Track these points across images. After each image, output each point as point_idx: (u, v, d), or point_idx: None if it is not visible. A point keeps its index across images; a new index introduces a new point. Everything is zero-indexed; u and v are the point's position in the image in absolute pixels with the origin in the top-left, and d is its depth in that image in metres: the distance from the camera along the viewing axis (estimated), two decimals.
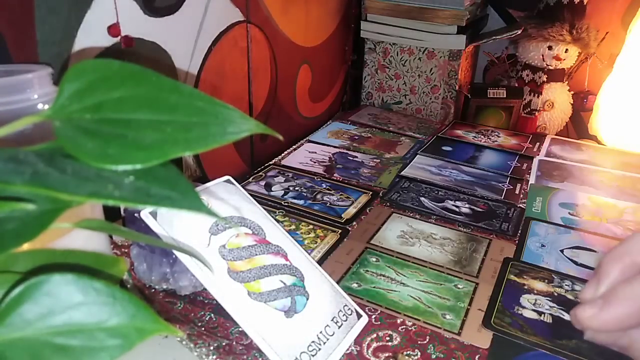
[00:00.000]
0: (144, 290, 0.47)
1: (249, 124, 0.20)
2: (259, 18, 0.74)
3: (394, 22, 0.95)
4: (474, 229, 0.61)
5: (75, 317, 0.19)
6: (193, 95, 0.20)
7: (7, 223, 0.18)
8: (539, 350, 0.43)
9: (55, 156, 0.18)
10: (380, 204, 0.65)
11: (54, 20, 0.46)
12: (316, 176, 0.72)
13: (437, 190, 0.69)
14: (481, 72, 1.10)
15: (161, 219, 0.40)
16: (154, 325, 0.19)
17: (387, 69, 1.00)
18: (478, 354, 0.42)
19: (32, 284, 0.19)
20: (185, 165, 0.64)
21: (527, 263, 0.54)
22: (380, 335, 0.44)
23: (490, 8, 1.03)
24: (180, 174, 0.19)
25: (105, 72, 0.20)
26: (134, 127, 0.18)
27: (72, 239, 0.34)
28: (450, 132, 0.92)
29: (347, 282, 0.50)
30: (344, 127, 0.92)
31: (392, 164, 0.78)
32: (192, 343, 0.41)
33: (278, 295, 0.40)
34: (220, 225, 0.42)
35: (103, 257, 0.24)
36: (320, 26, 0.92)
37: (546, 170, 0.78)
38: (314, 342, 0.39)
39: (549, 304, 0.48)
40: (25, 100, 0.34)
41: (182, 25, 0.60)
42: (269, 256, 0.42)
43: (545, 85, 0.96)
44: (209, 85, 0.67)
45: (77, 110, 0.19)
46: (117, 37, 0.52)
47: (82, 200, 0.17)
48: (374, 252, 0.55)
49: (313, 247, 0.55)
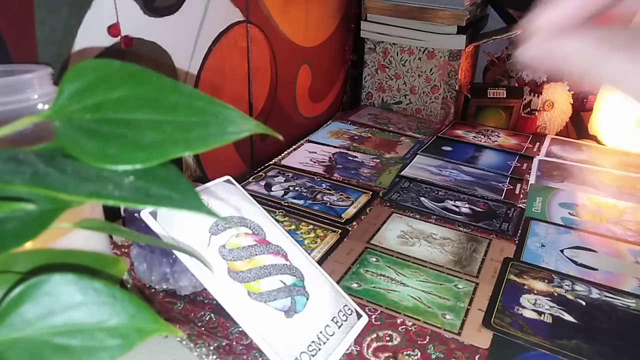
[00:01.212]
0: (144, 290, 0.47)
1: (249, 124, 0.20)
2: (259, 18, 0.74)
3: (394, 22, 0.95)
4: (474, 229, 0.61)
5: (75, 317, 0.19)
6: (193, 95, 0.20)
7: (7, 223, 0.18)
8: (539, 350, 0.43)
9: (55, 156, 0.18)
10: (380, 204, 0.65)
11: (54, 20, 0.46)
12: (316, 176, 0.72)
13: (437, 190, 0.69)
14: (481, 72, 1.10)
15: (161, 219, 0.40)
16: (154, 325, 0.19)
17: (387, 69, 1.00)
18: (478, 354, 0.42)
19: (32, 284, 0.19)
20: (185, 165, 0.64)
21: (527, 263, 0.54)
22: (380, 335, 0.43)
23: (490, 8, 1.03)
24: (180, 174, 0.19)
25: (105, 72, 0.20)
26: (134, 127, 0.18)
27: (72, 239, 0.34)
28: (450, 132, 0.92)
29: (347, 282, 0.50)
30: (344, 127, 0.92)
31: (392, 164, 0.78)
32: (192, 343, 0.41)
33: (278, 295, 0.40)
34: (220, 225, 0.42)
35: (103, 257, 0.24)
36: (320, 26, 0.92)
37: (546, 170, 0.78)
38: (314, 342, 0.39)
39: (549, 304, 0.48)
40: (25, 100, 0.34)
41: (182, 25, 0.60)
42: (269, 256, 0.42)
43: (545, 85, 0.95)
44: (209, 85, 0.67)
45: (77, 110, 0.19)
46: (117, 37, 0.52)
47: (82, 200, 0.17)
48: (374, 252, 0.55)
49: (313, 247, 0.55)
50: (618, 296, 0.50)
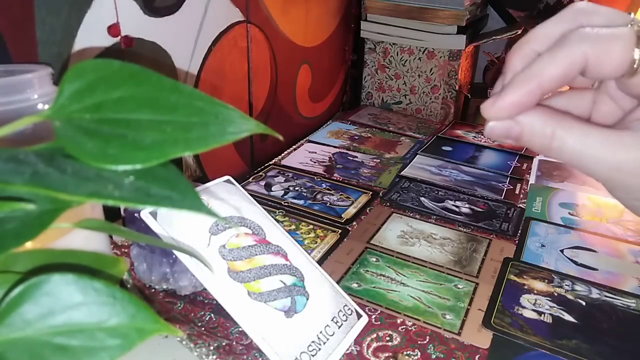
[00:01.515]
0: (144, 290, 0.47)
1: (249, 124, 0.20)
2: (259, 18, 0.74)
3: (394, 22, 0.95)
4: (474, 229, 0.61)
5: (75, 317, 0.18)
6: (193, 95, 0.20)
7: (7, 223, 0.18)
8: (539, 350, 0.43)
9: (55, 156, 0.18)
10: (380, 204, 0.65)
11: (54, 20, 0.46)
12: (316, 176, 0.72)
13: (437, 190, 0.69)
14: (481, 72, 1.10)
15: (161, 219, 0.40)
16: (154, 325, 0.19)
17: (387, 69, 1.00)
18: (478, 354, 0.42)
19: (32, 284, 0.19)
20: (185, 165, 0.64)
21: (527, 263, 0.54)
22: (380, 335, 0.43)
23: (490, 8, 1.03)
24: (180, 174, 0.19)
25: (105, 72, 0.20)
26: (134, 127, 0.18)
27: (72, 239, 0.34)
28: (450, 132, 0.92)
29: (347, 282, 0.50)
30: (344, 127, 0.92)
31: (392, 164, 0.78)
32: (192, 343, 0.41)
33: (278, 295, 0.40)
34: (220, 225, 0.42)
35: (103, 257, 0.24)
36: (320, 26, 0.92)
37: (546, 170, 0.78)
38: (314, 342, 0.39)
39: (549, 304, 0.48)
40: (25, 100, 0.34)
41: (182, 25, 0.60)
42: (269, 256, 0.42)
43: None
44: (209, 85, 0.67)
45: (77, 110, 0.19)
46: (117, 37, 0.52)
47: (82, 200, 0.17)
48: (374, 252, 0.55)
49: (313, 247, 0.55)
50: (618, 296, 0.50)
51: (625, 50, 0.23)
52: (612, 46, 0.23)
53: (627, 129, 0.25)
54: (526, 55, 0.26)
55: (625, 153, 0.24)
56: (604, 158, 0.24)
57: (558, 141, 0.25)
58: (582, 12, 0.25)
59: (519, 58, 0.26)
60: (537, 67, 0.24)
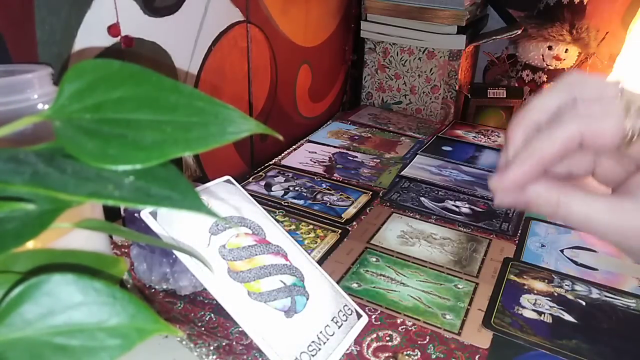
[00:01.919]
0: (144, 290, 0.47)
1: (249, 124, 0.20)
2: (259, 18, 0.74)
3: (394, 22, 0.95)
4: (474, 229, 0.61)
5: (75, 317, 0.18)
6: (193, 95, 0.20)
7: (7, 223, 0.18)
8: (539, 350, 0.43)
9: (55, 156, 0.18)
10: (380, 204, 0.65)
11: (54, 20, 0.46)
12: (316, 176, 0.72)
13: (437, 190, 0.69)
14: (481, 72, 1.10)
15: (161, 219, 0.40)
16: (154, 325, 0.19)
17: (387, 69, 1.00)
18: (478, 354, 0.42)
19: (32, 284, 0.19)
20: (185, 165, 0.64)
21: (527, 263, 0.54)
22: (380, 335, 0.44)
23: (490, 8, 1.03)
24: (180, 174, 0.19)
25: (105, 72, 0.20)
26: (134, 127, 0.18)
27: (72, 239, 0.34)
28: (450, 132, 0.92)
29: (347, 282, 0.50)
30: (344, 127, 0.92)
31: (392, 164, 0.78)
32: (192, 343, 0.41)
33: (278, 295, 0.40)
34: (220, 225, 0.42)
35: (103, 257, 0.24)
36: (320, 26, 0.92)
37: None
38: (314, 342, 0.39)
39: (549, 304, 0.48)
40: (25, 100, 0.34)
41: (182, 25, 0.60)
42: (269, 256, 0.42)
43: (545, 85, 0.95)
44: (209, 85, 0.67)
45: (77, 110, 0.19)
46: (117, 37, 0.52)
47: (82, 200, 0.17)
48: (374, 252, 0.55)
49: (313, 247, 0.55)
50: (618, 296, 0.50)
51: (617, 124, 0.25)
52: (604, 123, 0.25)
53: (629, 193, 0.26)
54: (527, 127, 0.28)
55: (627, 220, 0.26)
56: (610, 223, 0.26)
57: (563, 207, 0.27)
58: (575, 84, 0.27)
59: (520, 131, 0.28)
60: (537, 146, 0.27)
